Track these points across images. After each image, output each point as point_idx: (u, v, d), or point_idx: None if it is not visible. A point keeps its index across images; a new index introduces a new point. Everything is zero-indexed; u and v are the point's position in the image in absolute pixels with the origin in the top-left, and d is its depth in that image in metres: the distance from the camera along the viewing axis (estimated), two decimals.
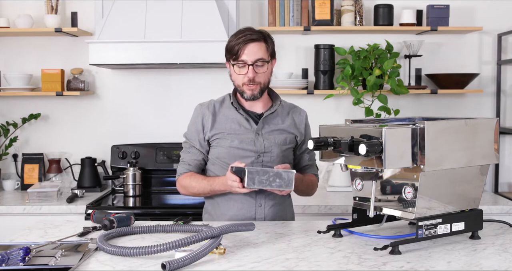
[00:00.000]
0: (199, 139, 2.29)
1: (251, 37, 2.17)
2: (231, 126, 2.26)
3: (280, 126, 2.29)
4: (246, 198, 2.24)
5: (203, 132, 2.28)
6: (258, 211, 2.25)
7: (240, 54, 2.16)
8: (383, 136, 1.66)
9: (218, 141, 2.26)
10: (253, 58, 2.16)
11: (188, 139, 2.33)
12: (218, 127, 2.26)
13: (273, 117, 2.29)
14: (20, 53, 3.59)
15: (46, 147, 3.60)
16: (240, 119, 2.26)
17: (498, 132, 1.90)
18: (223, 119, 2.27)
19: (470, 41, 3.60)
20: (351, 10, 3.44)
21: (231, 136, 2.24)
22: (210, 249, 1.64)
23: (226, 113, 2.28)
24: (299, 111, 2.39)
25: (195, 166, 2.30)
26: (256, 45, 2.17)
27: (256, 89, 2.20)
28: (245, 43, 2.16)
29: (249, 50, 2.16)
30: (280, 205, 2.30)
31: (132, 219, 2.06)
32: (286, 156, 2.30)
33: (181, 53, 3.12)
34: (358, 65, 3.31)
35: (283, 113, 2.33)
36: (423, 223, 1.77)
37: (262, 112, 2.29)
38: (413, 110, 3.57)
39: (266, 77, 2.22)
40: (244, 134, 2.24)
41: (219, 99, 2.34)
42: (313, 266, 1.62)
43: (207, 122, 2.28)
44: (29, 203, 3.03)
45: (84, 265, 1.63)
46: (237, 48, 2.16)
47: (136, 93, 3.61)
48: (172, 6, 3.21)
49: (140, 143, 3.50)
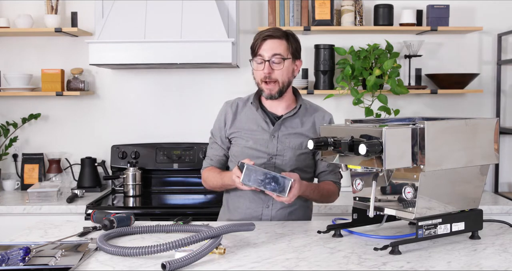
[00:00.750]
0: (220, 136, 2.33)
1: (271, 33, 2.18)
2: (249, 126, 2.27)
3: (298, 130, 2.26)
4: (255, 198, 2.24)
5: (224, 129, 2.32)
6: (264, 212, 2.24)
7: (258, 50, 2.17)
8: (383, 136, 1.66)
9: (235, 139, 2.29)
10: (270, 53, 2.16)
11: (213, 134, 2.38)
12: (237, 125, 2.29)
13: (292, 119, 2.26)
14: (20, 53, 3.59)
15: (46, 147, 3.60)
16: (259, 119, 2.27)
17: (498, 132, 1.90)
18: (243, 119, 2.29)
19: (470, 41, 3.60)
20: (351, 10, 3.44)
21: (247, 136, 2.26)
22: (210, 249, 1.64)
23: (247, 112, 2.30)
24: (322, 114, 2.32)
25: (217, 161, 2.35)
26: (276, 41, 2.17)
27: (274, 88, 2.18)
28: (264, 39, 2.17)
29: (267, 46, 2.16)
30: (290, 207, 2.25)
31: (132, 219, 2.06)
32: (302, 160, 2.25)
33: (181, 53, 3.12)
34: (358, 65, 3.31)
35: (306, 116, 2.28)
36: (423, 223, 1.77)
37: (282, 114, 2.27)
38: (413, 110, 3.57)
39: (284, 76, 2.19)
40: (259, 135, 2.25)
41: (244, 98, 2.36)
42: (313, 266, 1.62)
43: (228, 120, 2.31)
44: (29, 203, 3.03)
45: (84, 265, 1.63)
46: (257, 43, 2.18)
47: (136, 93, 3.61)
48: (172, 6, 3.21)
49: (140, 143, 3.50)
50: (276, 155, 2.23)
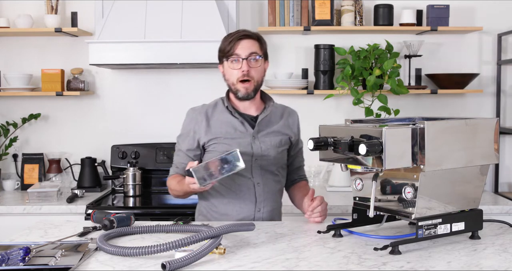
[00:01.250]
0: (187, 143, 2.28)
1: (244, 33, 2.21)
2: (226, 130, 2.24)
3: (274, 128, 2.29)
4: (246, 203, 2.24)
5: (194, 138, 2.27)
6: (257, 216, 2.25)
7: (233, 50, 2.18)
8: (383, 136, 1.66)
9: (214, 146, 2.24)
10: (247, 52, 2.18)
11: (179, 142, 2.33)
12: (213, 132, 2.24)
13: (267, 119, 2.29)
14: (20, 53, 3.59)
15: (46, 147, 3.60)
16: (234, 122, 2.25)
17: (498, 132, 1.90)
18: (217, 124, 2.25)
19: (470, 41, 3.60)
20: (351, 10, 3.44)
21: (228, 140, 2.22)
22: (210, 249, 1.64)
23: (220, 117, 2.27)
24: (292, 112, 2.40)
25: (182, 168, 2.26)
26: (251, 41, 2.21)
27: (250, 87, 2.20)
28: (239, 39, 2.19)
29: (242, 45, 2.18)
30: (276, 209, 2.32)
31: (132, 219, 2.06)
32: (281, 157, 2.31)
33: (181, 53, 3.12)
34: (358, 65, 3.31)
35: (277, 115, 2.33)
36: (423, 223, 1.77)
37: (256, 115, 2.28)
38: (413, 110, 3.57)
39: (259, 75, 2.22)
40: (240, 138, 2.23)
41: (211, 104, 2.32)
42: (313, 266, 1.62)
43: (199, 128, 2.26)
44: (29, 203, 3.03)
45: (84, 265, 1.63)
46: (231, 45, 2.18)
47: (136, 93, 3.61)
48: (172, 6, 3.21)
49: (140, 143, 3.50)
50: (262, 155, 2.24)
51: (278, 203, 2.34)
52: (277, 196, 2.33)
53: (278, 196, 2.34)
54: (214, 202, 2.28)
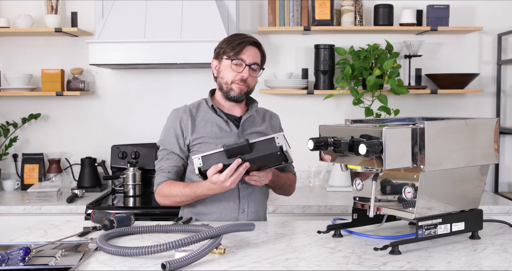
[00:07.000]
0: (179, 144, 2.24)
1: (254, 41, 2.24)
2: (211, 130, 2.23)
3: (258, 129, 2.29)
4: (229, 204, 2.20)
5: (182, 137, 2.24)
6: (240, 217, 2.21)
7: (240, 53, 2.18)
8: (383, 136, 1.66)
9: (199, 146, 2.20)
10: (251, 60, 2.20)
11: (166, 145, 2.26)
12: (199, 131, 2.22)
13: (251, 120, 2.30)
14: (20, 53, 3.59)
15: (46, 147, 3.60)
16: (219, 122, 2.24)
17: (498, 132, 1.90)
18: (202, 123, 2.24)
19: (470, 41, 3.60)
20: (351, 10, 3.44)
21: (214, 140, 2.20)
22: (210, 249, 1.64)
23: (204, 117, 2.26)
24: (274, 115, 2.43)
25: (175, 173, 2.23)
26: (256, 50, 2.24)
27: (244, 89, 2.22)
28: (249, 43, 2.21)
29: (250, 52, 2.20)
30: (261, 210, 2.29)
31: (132, 219, 2.06)
32: None
33: (181, 53, 3.12)
34: (358, 65, 3.31)
35: (259, 117, 2.35)
36: (423, 223, 1.77)
37: (240, 116, 2.29)
38: (413, 110, 3.57)
39: (254, 83, 2.27)
40: (226, 137, 2.21)
41: (194, 104, 2.32)
42: (313, 266, 1.62)
43: (186, 127, 2.23)
44: (29, 203, 3.03)
45: (84, 265, 1.63)
46: (240, 47, 2.18)
47: (136, 93, 3.61)
48: (172, 6, 3.22)
49: (140, 143, 3.50)
50: None
51: (263, 205, 2.30)
52: (262, 197, 2.29)
53: (263, 197, 2.31)
54: (195, 203, 2.22)
